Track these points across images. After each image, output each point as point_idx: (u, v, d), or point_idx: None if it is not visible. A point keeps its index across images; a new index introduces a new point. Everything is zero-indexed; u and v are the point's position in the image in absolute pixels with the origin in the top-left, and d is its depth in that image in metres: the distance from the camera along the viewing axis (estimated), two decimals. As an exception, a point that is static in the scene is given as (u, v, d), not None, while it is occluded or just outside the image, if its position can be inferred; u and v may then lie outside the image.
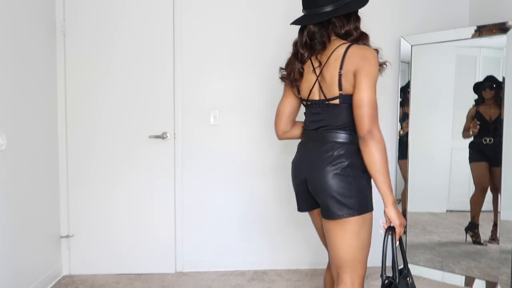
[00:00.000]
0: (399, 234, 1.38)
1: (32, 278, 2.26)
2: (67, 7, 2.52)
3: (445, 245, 2.63)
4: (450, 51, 2.55)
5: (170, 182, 2.65)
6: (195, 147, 2.66)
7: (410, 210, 2.72)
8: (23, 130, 2.17)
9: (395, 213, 1.35)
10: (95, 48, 2.55)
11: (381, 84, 2.79)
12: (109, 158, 2.60)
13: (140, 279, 2.58)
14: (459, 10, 2.83)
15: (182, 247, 2.69)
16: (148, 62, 2.59)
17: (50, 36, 2.46)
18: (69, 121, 2.58)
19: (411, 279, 1.42)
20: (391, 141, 2.83)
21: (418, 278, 2.64)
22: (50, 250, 2.50)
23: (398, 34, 2.75)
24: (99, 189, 2.61)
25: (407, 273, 1.44)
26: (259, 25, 2.66)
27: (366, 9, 2.95)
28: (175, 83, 2.61)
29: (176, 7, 2.58)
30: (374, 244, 2.97)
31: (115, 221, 2.63)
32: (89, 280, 2.55)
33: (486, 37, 2.40)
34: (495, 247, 2.42)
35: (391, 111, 2.81)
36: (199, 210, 2.70)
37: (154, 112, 2.61)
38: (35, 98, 2.30)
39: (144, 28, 2.57)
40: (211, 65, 2.64)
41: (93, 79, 2.56)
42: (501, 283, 2.38)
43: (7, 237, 2.02)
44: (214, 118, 2.66)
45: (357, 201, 1.38)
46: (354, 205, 1.37)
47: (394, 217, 1.35)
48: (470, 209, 2.53)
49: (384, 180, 1.36)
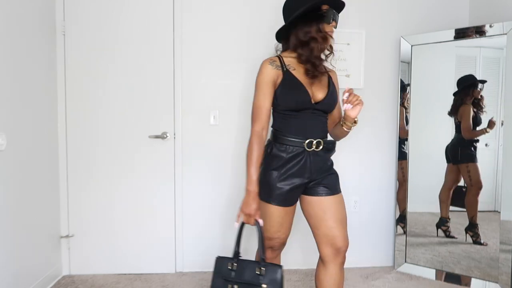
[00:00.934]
0: (243, 220, 1.60)
1: (32, 278, 2.26)
2: (67, 7, 2.52)
3: (445, 245, 2.63)
4: (450, 51, 2.55)
5: (170, 182, 2.65)
6: (195, 147, 2.66)
7: (410, 210, 2.72)
8: (23, 130, 2.17)
9: (242, 201, 1.59)
10: (95, 48, 2.55)
11: (381, 84, 2.81)
12: (109, 157, 2.60)
13: (140, 279, 2.58)
14: (459, 10, 2.83)
15: (182, 247, 2.69)
16: (148, 62, 2.59)
17: (50, 36, 2.46)
18: (69, 121, 2.58)
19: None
20: (391, 141, 2.83)
21: (418, 278, 2.64)
22: (50, 250, 2.49)
23: (398, 34, 2.75)
24: (99, 189, 2.61)
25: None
26: (259, 25, 2.66)
27: (366, 9, 2.96)
28: (175, 83, 2.61)
29: (176, 7, 2.58)
30: (374, 243, 2.99)
31: (115, 221, 2.63)
32: (89, 280, 2.55)
33: (486, 37, 2.41)
34: (495, 247, 2.42)
35: (391, 111, 2.81)
36: (199, 210, 2.70)
37: (154, 112, 2.61)
38: (35, 98, 2.30)
39: (144, 28, 2.57)
40: (211, 65, 2.64)
41: (93, 79, 2.56)
42: (501, 283, 2.38)
43: (7, 237, 2.02)
44: (214, 118, 2.66)
45: (260, 190, 1.61)
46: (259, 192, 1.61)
47: (242, 204, 1.59)
48: (467, 214, 2.55)
49: (247, 171, 1.59)
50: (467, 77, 2.49)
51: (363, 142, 2.82)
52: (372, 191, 2.84)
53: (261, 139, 1.60)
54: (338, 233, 1.62)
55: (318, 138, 1.62)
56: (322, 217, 1.64)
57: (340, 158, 2.75)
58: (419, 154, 2.70)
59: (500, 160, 2.40)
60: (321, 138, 1.63)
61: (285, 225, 1.68)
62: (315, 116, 1.63)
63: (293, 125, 1.61)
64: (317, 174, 1.64)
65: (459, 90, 2.52)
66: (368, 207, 2.84)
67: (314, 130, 1.62)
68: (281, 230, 1.68)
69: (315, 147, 1.61)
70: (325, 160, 1.67)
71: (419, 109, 2.68)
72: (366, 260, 2.84)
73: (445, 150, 2.62)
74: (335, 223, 1.63)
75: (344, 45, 2.69)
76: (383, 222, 2.86)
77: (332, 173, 1.70)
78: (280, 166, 1.61)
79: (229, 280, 1.56)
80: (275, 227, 1.66)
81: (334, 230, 1.63)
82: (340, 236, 1.63)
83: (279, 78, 1.61)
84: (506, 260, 2.37)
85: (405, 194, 2.73)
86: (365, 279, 2.62)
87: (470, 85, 2.47)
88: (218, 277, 1.58)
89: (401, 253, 2.76)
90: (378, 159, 2.83)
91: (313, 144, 1.60)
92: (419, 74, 2.66)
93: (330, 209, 1.64)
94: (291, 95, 1.58)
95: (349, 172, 2.79)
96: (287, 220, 1.68)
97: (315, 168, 1.63)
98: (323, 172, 1.65)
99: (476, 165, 2.50)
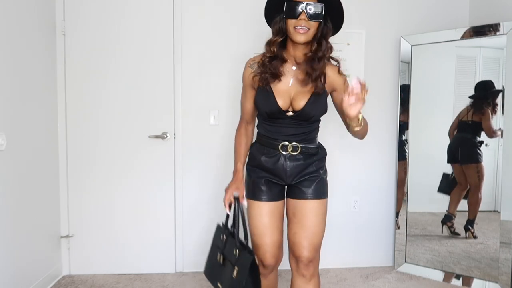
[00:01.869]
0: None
1: (32, 278, 2.26)
2: (67, 7, 2.52)
3: (445, 245, 2.63)
4: (450, 51, 2.55)
5: (170, 182, 2.65)
6: (195, 147, 2.66)
7: (410, 210, 2.73)
8: (23, 130, 2.17)
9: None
10: (95, 48, 2.55)
11: (381, 84, 2.81)
12: (109, 157, 2.60)
13: (140, 279, 2.58)
14: (459, 10, 2.83)
15: (182, 247, 2.69)
16: (148, 61, 2.59)
17: (50, 36, 2.46)
18: (69, 121, 2.58)
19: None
20: (391, 141, 2.83)
21: (418, 278, 2.64)
22: (50, 250, 2.49)
23: (398, 34, 2.75)
24: (99, 188, 2.61)
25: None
26: (259, 25, 2.65)
27: (366, 9, 2.96)
28: (175, 83, 2.61)
29: (176, 7, 2.58)
30: (374, 243, 2.99)
31: (115, 221, 2.63)
32: (89, 280, 2.55)
33: (486, 37, 2.41)
34: (495, 247, 2.42)
35: (391, 111, 2.81)
36: (199, 210, 2.70)
37: (154, 112, 2.61)
38: (35, 98, 2.30)
39: (144, 28, 2.57)
40: (211, 65, 2.64)
41: (93, 79, 2.56)
42: (501, 283, 2.38)
43: (7, 237, 2.02)
44: (214, 118, 2.66)
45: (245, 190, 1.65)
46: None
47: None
48: (468, 209, 2.57)
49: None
50: (488, 83, 2.46)
51: (363, 142, 2.79)
52: (372, 191, 2.83)
53: (244, 133, 1.71)
54: (299, 240, 1.53)
55: (294, 142, 1.55)
56: (291, 219, 1.59)
57: (340, 158, 2.76)
58: (419, 154, 2.70)
59: (500, 160, 2.40)
60: (299, 142, 1.55)
61: (270, 226, 1.57)
62: (294, 123, 1.54)
63: (269, 129, 1.59)
64: (294, 178, 1.57)
65: (479, 95, 2.49)
66: (368, 207, 2.84)
67: (292, 135, 1.55)
68: (267, 234, 1.56)
69: (290, 150, 1.55)
70: (307, 165, 1.58)
71: (419, 109, 2.67)
72: (366, 260, 2.84)
73: (448, 151, 2.60)
74: (300, 229, 1.53)
75: (344, 45, 2.69)
76: (383, 222, 2.86)
77: (314, 177, 1.58)
78: (257, 164, 1.62)
79: (219, 248, 1.63)
80: (258, 227, 1.57)
81: (296, 236, 1.54)
82: (300, 244, 1.52)
83: (256, 82, 1.56)
84: (506, 260, 2.37)
85: (404, 194, 2.73)
86: (365, 279, 2.62)
87: (492, 92, 2.45)
88: (215, 244, 1.68)
89: (401, 253, 2.76)
90: (378, 159, 2.83)
91: (288, 147, 1.55)
92: (419, 74, 2.66)
93: (300, 212, 1.55)
94: (261, 106, 1.54)
95: (349, 172, 2.79)
96: (271, 221, 1.57)
97: (292, 172, 1.56)
98: (303, 176, 1.57)
99: (483, 165, 2.52)
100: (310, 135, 1.59)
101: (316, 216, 1.54)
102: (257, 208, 1.59)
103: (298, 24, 1.41)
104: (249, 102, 1.63)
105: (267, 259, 1.58)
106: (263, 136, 1.62)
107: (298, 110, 1.51)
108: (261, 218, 1.57)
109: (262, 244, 1.57)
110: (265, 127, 1.61)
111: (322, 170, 1.62)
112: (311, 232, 1.53)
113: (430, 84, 2.65)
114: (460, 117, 2.56)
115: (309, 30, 1.43)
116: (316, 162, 1.60)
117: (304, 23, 1.41)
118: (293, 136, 1.55)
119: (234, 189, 1.61)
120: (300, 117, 1.52)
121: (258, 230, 1.58)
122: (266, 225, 1.57)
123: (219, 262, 1.59)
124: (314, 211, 1.54)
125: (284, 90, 1.51)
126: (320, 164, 1.62)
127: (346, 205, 2.82)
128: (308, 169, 1.58)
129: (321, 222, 1.56)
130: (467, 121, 2.53)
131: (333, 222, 2.80)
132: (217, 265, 1.61)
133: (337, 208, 2.78)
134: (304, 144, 1.56)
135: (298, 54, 1.51)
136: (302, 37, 1.43)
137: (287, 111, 1.52)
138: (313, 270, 1.56)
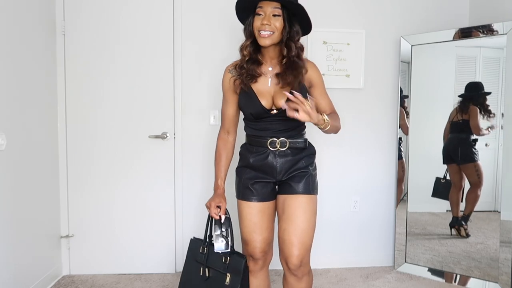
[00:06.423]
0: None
1: (32, 278, 2.26)
2: (67, 7, 2.52)
3: (445, 245, 2.63)
4: (450, 51, 2.55)
5: (170, 182, 2.65)
6: (195, 147, 2.66)
7: (410, 210, 2.73)
8: (23, 130, 2.17)
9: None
10: (95, 48, 2.55)
11: (381, 84, 2.81)
12: (109, 157, 2.60)
13: (140, 279, 2.58)
14: (459, 10, 2.83)
15: (182, 247, 2.69)
16: (148, 61, 2.59)
17: (50, 36, 2.46)
18: (69, 121, 2.57)
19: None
20: (391, 141, 2.83)
21: (418, 278, 2.64)
22: (50, 250, 2.49)
23: (398, 34, 2.75)
24: (99, 188, 2.61)
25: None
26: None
27: (366, 9, 2.96)
28: (175, 83, 2.61)
29: (176, 7, 2.58)
30: (374, 243, 2.98)
31: (115, 221, 2.63)
32: (89, 280, 2.55)
33: (486, 37, 2.41)
34: (495, 247, 2.42)
35: (391, 111, 2.81)
36: (199, 210, 2.69)
37: (154, 112, 2.61)
38: (35, 98, 2.30)
39: (144, 28, 2.57)
40: (212, 65, 2.64)
41: (93, 79, 2.56)
42: (501, 283, 2.38)
43: (7, 237, 2.02)
44: (214, 118, 2.66)
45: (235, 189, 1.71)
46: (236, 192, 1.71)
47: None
48: (465, 205, 2.59)
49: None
50: (478, 85, 2.47)
51: (363, 142, 2.81)
52: (372, 191, 2.84)
53: (225, 142, 1.71)
54: (288, 237, 1.53)
55: (282, 138, 1.58)
56: (280, 217, 1.60)
57: (340, 158, 2.76)
58: (419, 154, 2.70)
59: (500, 160, 2.40)
60: (287, 138, 1.58)
61: (260, 225, 1.60)
62: (279, 120, 1.57)
63: (256, 128, 1.62)
64: (285, 173, 1.60)
65: (468, 95, 2.50)
66: (368, 207, 2.84)
67: (279, 131, 1.58)
68: (256, 231, 1.60)
69: (279, 146, 1.58)
70: (297, 160, 1.60)
71: (419, 109, 2.68)
72: (366, 260, 2.84)
73: (443, 151, 2.62)
74: (290, 225, 1.53)
75: (344, 45, 2.69)
76: (383, 222, 2.86)
77: (304, 172, 1.59)
78: (246, 163, 1.64)
79: (200, 263, 1.62)
80: (248, 226, 1.61)
81: (286, 233, 1.54)
82: (289, 242, 1.53)
83: (237, 86, 1.60)
84: (506, 260, 2.37)
85: (402, 194, 2.73)
86: (365, 279, 2.62)
87: (483, 93, 2.46)
88: (191, 259, 1.67)
89: (401, 253, 2.76)
90: (378, 159, 2.83)
91: (276, 143, 1.58)
92: (419, 74, 2.66)
93: (289, 207, 1.56)
94: (246, 107, 1.59)
95: (349, 172, 2.79)
96: (262, 220, 1.60)
97: (282, 168, 1.59)
98: (293, 172, 1.59)
99: (480, 163, 2.52)
100: (297, 130, 1.62)
101: (305, 213, 1.55)
102: (247, 208, 1.62)
103: (261, 28, 1.48)
104: (230, 107, 1.67)
105: (256, 253, 1.62)
106: (251, 136, 1.65)
107: (281, 107, 1.53)
108: (252, 217, 1.61)
109: (252, 240, 1.61)
110: (252, 127, 1.64)
111: (312, 167, 1.65)
112: (301, 229, 1.53)
113: (430, 84, 2.65)
114: (451, 119, 2.57)
115: (273, 33, 1.49)
116: (306, 158, 1.63)
117: (268, 27, 1.48)
118: (281, 132, 1.58)
119: (217, 203, 1.64)
120: (284, 114, 1.52)
121: (248, 228, 1.62)
122: (256, 223, 1.61)
123: (202, 276, 1.60)
124: (303, 206, 1.55)
125: (265, 90, 1.57)
126: (309, 161, 1.64)
127: (346, 205, 2.82)
128: (297, 164, 1.60)
129: (311, 219, 1.56)
130: (458, 120, 2.54)
131: (333, 222, 2.81)
132: (198, 280, 1.61)
133: (337, 208, 2.78)
134: (292, 139, 1.59)
135: (271, 55, 1.58)
136: (266, 41, 1.50)
137: (271, 109, 1.57)
138: (304, 269, 1.57)
